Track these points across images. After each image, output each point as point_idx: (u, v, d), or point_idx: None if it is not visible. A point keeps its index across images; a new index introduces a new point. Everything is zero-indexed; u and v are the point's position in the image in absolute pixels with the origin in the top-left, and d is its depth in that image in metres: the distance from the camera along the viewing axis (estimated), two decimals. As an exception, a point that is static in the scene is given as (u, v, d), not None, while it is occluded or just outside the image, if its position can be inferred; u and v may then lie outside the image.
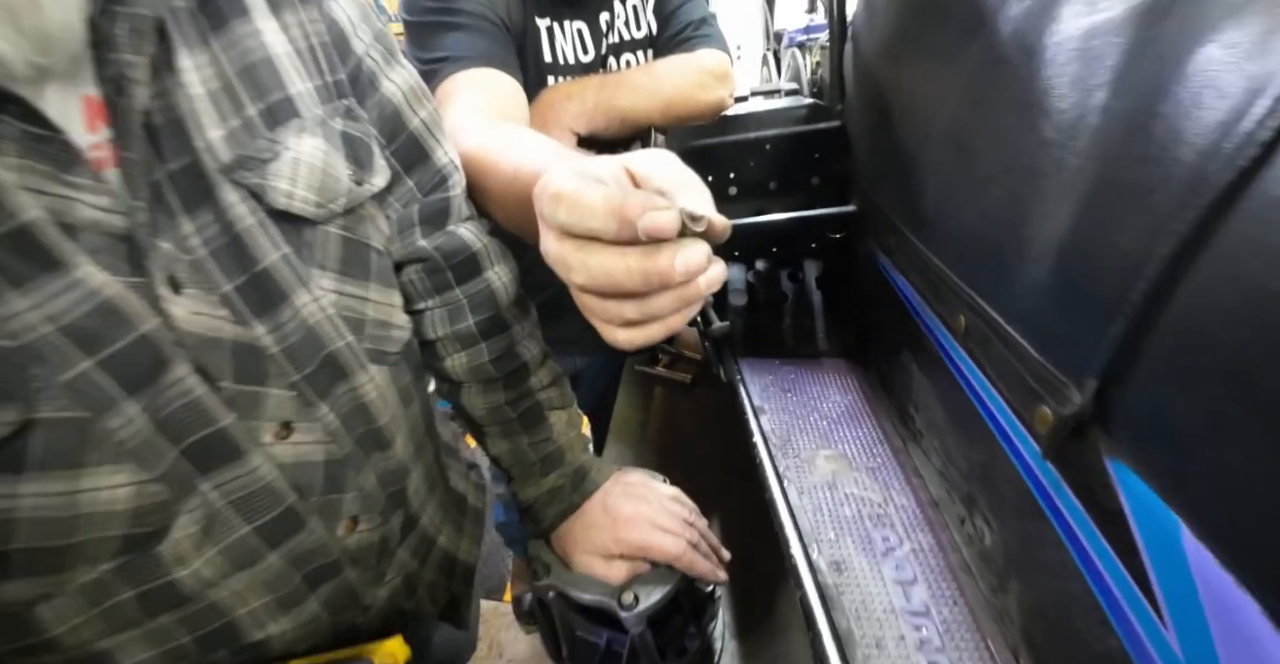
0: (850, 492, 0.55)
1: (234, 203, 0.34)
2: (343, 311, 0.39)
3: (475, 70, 0.65)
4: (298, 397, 0.37)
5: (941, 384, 0.52)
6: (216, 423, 0.33)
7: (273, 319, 0.35)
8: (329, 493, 0.39)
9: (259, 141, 0.35)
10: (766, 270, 0.85)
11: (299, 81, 0.37)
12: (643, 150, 0.29)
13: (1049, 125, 0.37)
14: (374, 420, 0.42)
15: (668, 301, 0.25)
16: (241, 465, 0.35)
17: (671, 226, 0.23)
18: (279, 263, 0.35)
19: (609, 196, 0.23)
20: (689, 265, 0.24)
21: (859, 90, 0.71)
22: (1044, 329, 0.35)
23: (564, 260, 0.25)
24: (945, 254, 0.48)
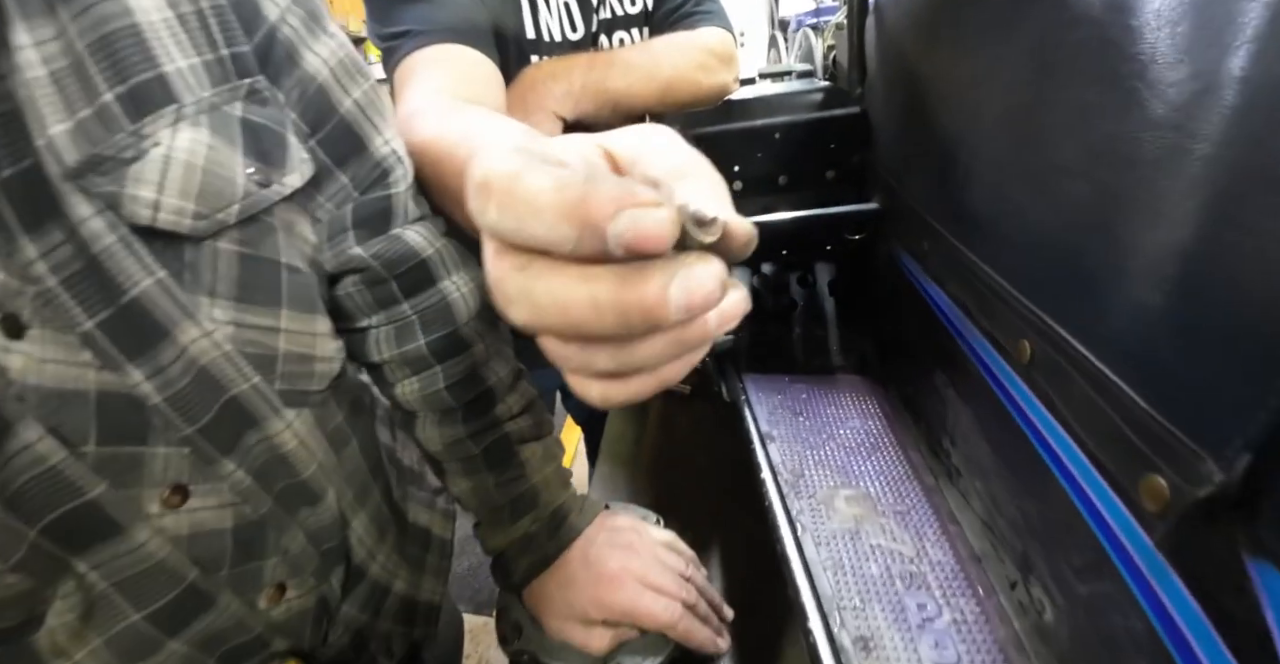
0: (877, 543, 0.46)
1: (87, 217, 0.27)
2: (244, 347, 0.32)
3: (439, 47, 0.57)
4: (192, 454, 0.31)
5: (988, 418, 0.44)
6: (83, 494, 0.27)
7: (151, 361, 0.29)
8: (243, 563, 0.34)
9: (117, 137, 0.27)
10: (774, 274, 0.76)
11: (178, 56, 0.29)
12: (629, 127, 0.20)
13: (1156, 101, 0.29)
14: (297, 473, 0.36)
15: (660, 348, 0.17)
16: (122, 542, 0.29)
17: (662, 235, 0.14)
18: (153, 291, 0.29)
19: (562, 186, 0.14)
20: (692, 296, 0.15)
21: (883, 70, 0.62)
22: (1162, 373, 0.26)
23: (499, 286, 0.16)
24: (1001, 263, 0.39)
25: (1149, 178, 0.28)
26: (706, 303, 0.15)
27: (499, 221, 0.15)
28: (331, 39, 0.37)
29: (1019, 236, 0.37)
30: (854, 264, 0.70)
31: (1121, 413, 0.29)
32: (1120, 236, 0.29)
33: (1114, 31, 0.31)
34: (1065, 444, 0.33)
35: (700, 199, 0.17)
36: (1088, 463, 0.31)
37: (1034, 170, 0.35)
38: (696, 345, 0.17)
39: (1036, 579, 0.40)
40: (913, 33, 0.55)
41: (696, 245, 0.16)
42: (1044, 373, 0.35)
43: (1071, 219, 0.32)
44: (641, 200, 0.14)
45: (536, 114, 0.61)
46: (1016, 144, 0.37)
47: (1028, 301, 0.36)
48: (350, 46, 0.39)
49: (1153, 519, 0.27)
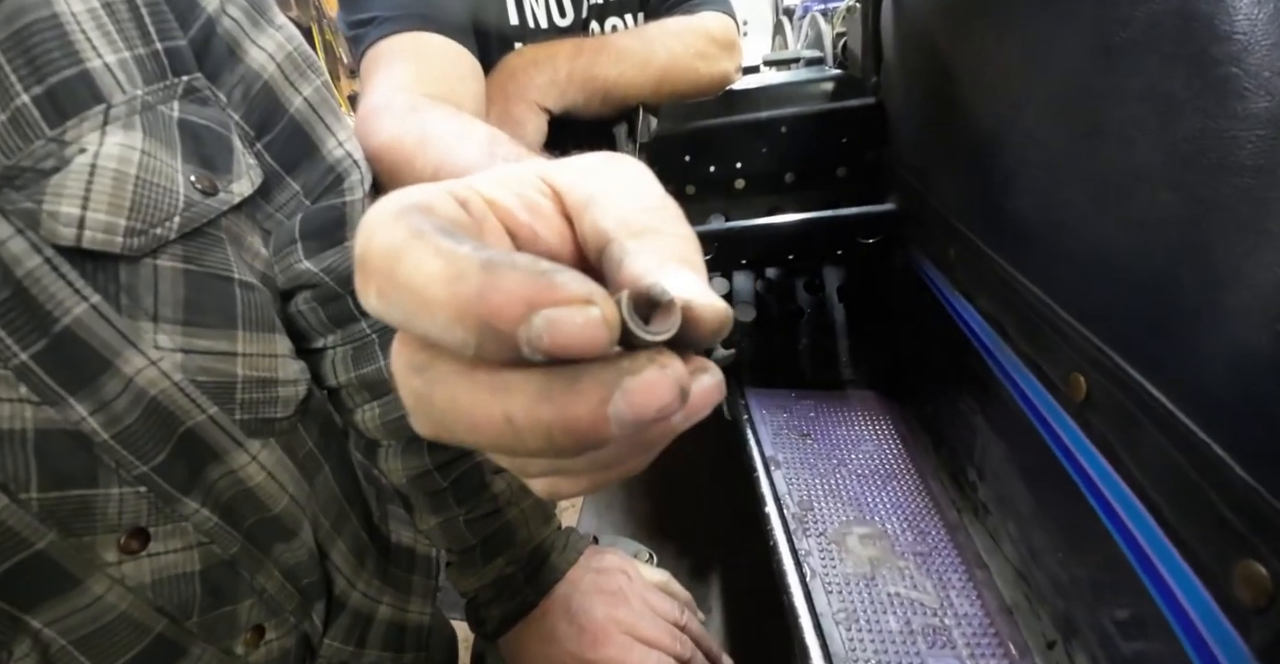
0: (895, 590, 0.41)
1: (6, 237, 0.24)
2: (196, 375, 0.29)
3: (407, 35, 0.51)
4: (149, 493, 0.28)
5: (1026, 456, 0.39)
6: (30, 545, 0.25)
7: (94, 395, 0.26)
8: (214, 608, 0.31)
9: (35, 144, 0.25)
10: (779, 279, 0.71)
11: (106, 50, 0.26)
12: (587, 156, 0.16)
13: (1259, 92, 0.23)
14: (267, 508, 0.33)
15: (609, 453, 0.14)
16: (78, 596, 0.26)
17: (589, 339, 0.11)
18: (87, 318, 0.26)
19: (455, 274, 0.11)
20: (639, 410, 0.11)
21: (903, 55, 0.56)
22: (1267, 433, 0.21)
23: (396, 385, 0.13)
24: (1050, 282, 0.34)
25: (1251, 187, 0.23)
26: (661, 415, 0.12)
27: (382, 310, 0.12)
28: (279, 31, 0.34)
29: (1076, 252, 0.31)
30: (867, 269, 0.65)
31: (1210, 479, 0.23)
32: (1213, 258, 0.24)
33: (1202, 5, 0.26)
34: (1130, 505, 0.28)
35: (659, 266, 0.13)
36: (1160, 533, 0.26)
37: (1098, 174, 0.30)
38: (659, 444, 0.15)
39: (1080, 645, 0.34)
40: (939, 12, 0.49)
41: (644, 343, 0.12)
42: (1103, 416, 0.30)
43: (1148, 234, 0.27)
44: (561, 296, 0.10)
45: (518, 105, 0.55)
46: (1075, 142, 0.31)
47: (1085, 330, 0.30)
48: (300, 39, 0.35)
49: (1249, 614, 0.22)
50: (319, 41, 2.32)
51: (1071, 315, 0.31)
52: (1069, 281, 0.32)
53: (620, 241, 0.14)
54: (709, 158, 0.66)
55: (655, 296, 0.12)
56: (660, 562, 0.50)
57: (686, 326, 0.12)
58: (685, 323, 0.12)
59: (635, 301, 0.12)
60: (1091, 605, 0.33)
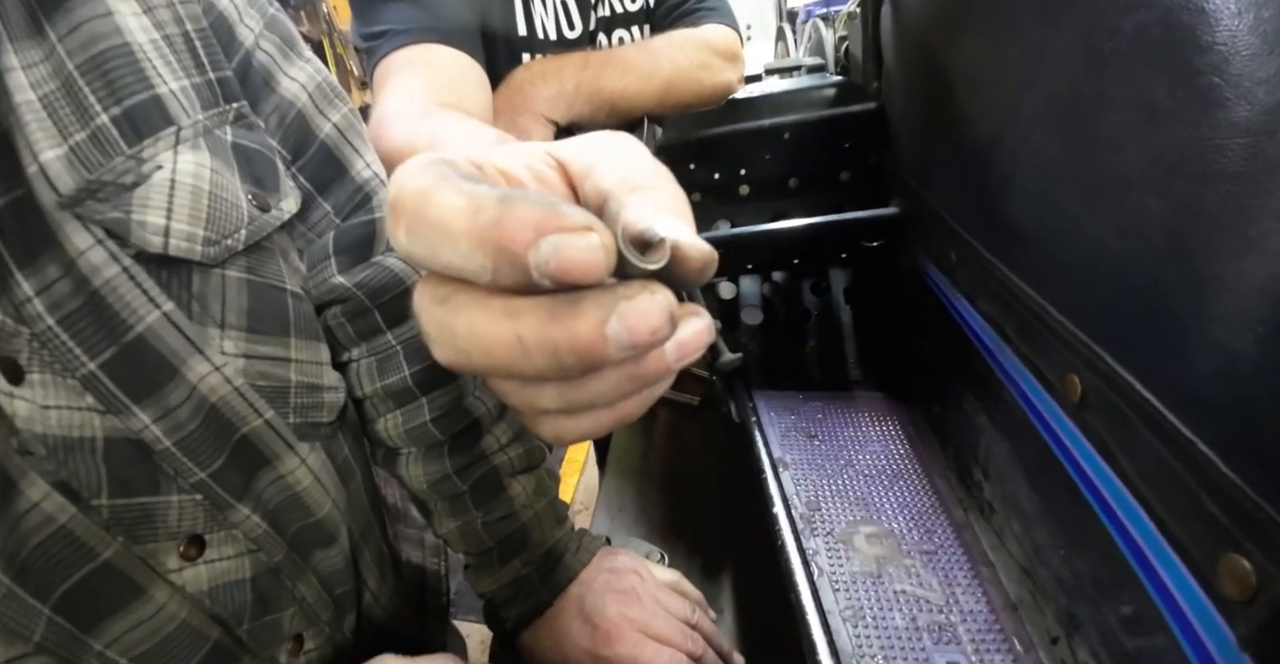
0: (901, 588, 0.42)
1: (86, 248, 0.25)
2: (256, 380, 0.31)
3: (418, 47, 0.53)
4: (205, 501, 0.29)
5: (1028, 455, 0.39)
6: (97, 556, 0.25)
7: (159, 403, 0.27)
8: (262, 615, 0.32)
9: (116, 160, 0.26)
10: (786, 283, 0.72)
11: (170, 78, 0.28)
12: (586, 134, 0.18)
13: (1241, 102, 0.24)
14: (311, 513, 0.34)
15: (608, 385, 0.15)
16: (141, 607, 0.27)
17: (590, 262, 0.12)
18: (159, 325, 0.27)
19: (476, 207, 0.12)
20: (635, 332, 0.13)
21: (902, 61, 0.57)
22: (1250, 432, 0.22)
23: (419, 321, 0.15)
24: (1045, 285, 0.34)
25: (1235, 195, 0.24)
26: (653, 339, 0.13)
27: (410, 247, 0.13)
28: (308, 64, 0.36)
29: (1069, 256, 0.32)
30: (872, 271, 0.66)
31: (1197, 476, 0.24)
32: (1199, 264, 0.24)
33: (1184, 16, 0.27)
34: (1124, 501, 0.29)
35: (652, 214, 0.15)
36: (1153, 527, 0.27)
37: (1089, 180, 0.31)
38: (654, 380, 0.15)
39: (1083, 640, 0.35)
40: (936, 19, 0.50)
41: (640, 272, 0.14)
42: (1098, 415, 0.30)
43: (1137, 239, 0.28)
44: (566, 224, 0.12)
45: (524, 117, 0.57)
46: (1066, 148, 0.32)
47: (1079, 332, 0.31)
48: (326, 71, 0.38)
49: (1235, 607, 0.23)
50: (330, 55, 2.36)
51: (1066, 318, 0.32)
52: (1063, 285, 0.33)
53: (619, 196, 0.15)
54: (714, 165, 0.67)
55: (648, 236, 0.14)
56: (671, 562, 0.51)
57: (675, 263, 0.14)
58: (674, 260, 0.14)
59: (630, 237, 0.13)
60: (1093, 601, 0.34)
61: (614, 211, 0.15)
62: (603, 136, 0.18)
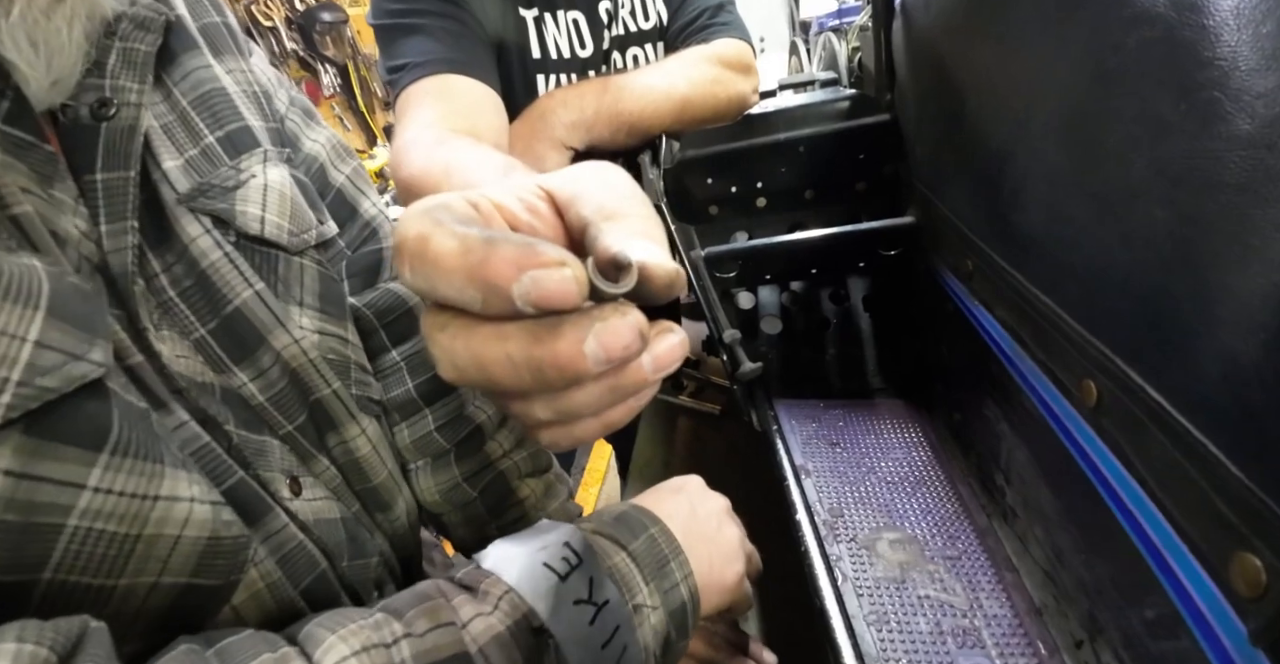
0: (925, 593, 0.43)
1: (197, 235, 0.31)
2: (326, 354, 0.36)
3: (434, 78, 0.56)
4: (293, 451, 0.34)
5: (1049, 460, 0.40)
6: (235, 473, 0.29)
7: (254, 365, 0.32)
8: (356, 557, 0.36)
9: (221, 169, 0.32)
10: (804, 291, 0.73)
11: (253, 117, 0.35)
12: (575, 165, 0.21)
13: (1241, 115, 0.25)
14: (369, 478, 0.38)
15: (593, 396, 0.17)
16: (271, 521, 0.31)
17: (564, 291, 0.15)
18: (252, 301, 0.32)
19: (466, 248, 0.15)
20: (609, 348, 0.15)
21: (914, 75, 0.58)
22: (1258, 435, 0.23)
23: (427, 345, 0.17)
24: (1059, 292, 0.35)
25: (1236, 205, 0.24)
26: (625, 354, 0.16)
27: (413, 282, 0.16)
28: (324, 129, 0.44)
29: (1080, 264, 0.33)
30: (890, 279, 0.66)
31: (1209, 477, 0.25)
32: (1204, 272, 0.25)
33: (1185, 32, 0.28)
34: (1141, 503, 0.29)
35: (625, 239, 0.17)
36: (1169, 529, 0.27)
37: (1097, 191, 0.32)
38: (635, 391, 0.18)
39: (1106, 643, 0.35)
40: (945, 33, 0.51)
41: (611, 296, 0.16)
42: (1114, 420, 0.31)
43: (1144, 248, 0.28)
44: (542, 260, 0.15)
45: (541, 143, 0.60)
46: (1075, 160, 0.33)
47: (1093, 337, 0.32)
48: (336, 134, 0.45)
49: (1247, 604, 0.23)
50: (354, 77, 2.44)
51: (1080, 324, 0.33)
52: (1075, 292, 0.34)
53: (596, 224, 0.18)
54: (731, 178, 0.69)
55: (619, 261, 0.16)
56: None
57: (643, 282, 0.16)
58: (642, 279, 0.16)
59: (601, 264, 0.16)
60: (1115, 604, 0.34)
61: (593, 237, 0.18)
62: (589, 167, 0.20)
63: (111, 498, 0.22)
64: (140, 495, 0.23)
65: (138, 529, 0.23)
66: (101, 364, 0.23)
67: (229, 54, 0.36)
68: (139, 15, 0.30)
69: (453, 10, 0.60)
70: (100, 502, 0.22)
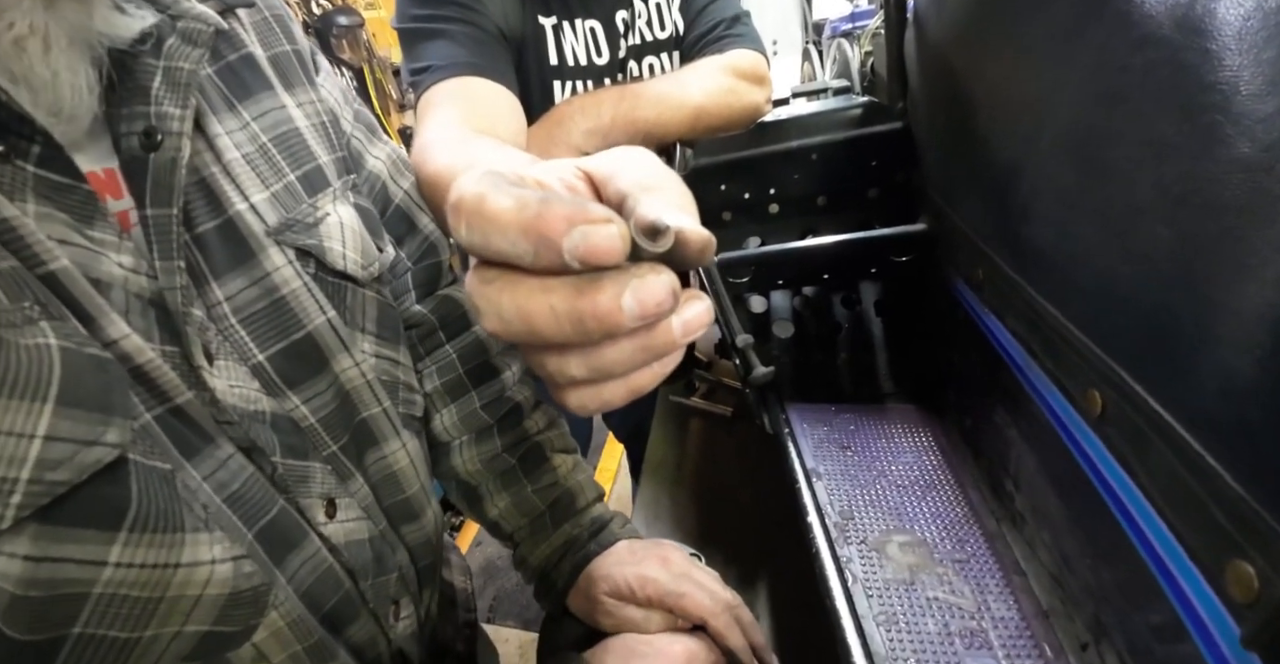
0: (934, 595, 0.44)
1: (280, 266, 0.33)
2: (381, 376, 0.38)
3: (455, 80, 0.58)
4: (334, 471, 0.35)
5: (1056, 466, 0.41)
6: (276, 503, 0.31)
7: (310, 387, 0.34)
8: (379, 574, 0.38)
9: (302, 206, 0.35)
10: (816, 296, 0.74)
11: (323, 153, 0.37)
12: (609, 150, 0.22)
13: (1242, 138, 0.26)
14: (403, 490, 0.40)
15: (625, 354, 0.18)
16: (308, 547, 0.32)
17: (610, 247, 0.16)
18: (323, 327, 0.34)
19: (522, 205, 0.16)
20: (644, 304, 0.17)
21: (926, 83, 0.59)
22: (1252, 447, 0.24)
23: (472, 298, 0.18)
24: (1066, 305, 0.36)
25: (1235, 226, 0.25)
26: (659, 310, 0.17)
27: (468, 238, 0.17)
28: (385, 145, 0.46)
29: (1086, 278, 0.34)
30: (902, 285, 0.67)
31: (1206, 487, 0.26)
32: (1205, 290, 0.26)
33: (1189, 56, 0.28)
34: (1144, 510, 0.30)
35: (661, 209, 0.18)
36: (1170, 536, 0.28)
37: (1102, 208, 0.32)
38: (663, 351, 0.18)
39: (1110, 645, 0.36)
40: (957, 44, 0.52)
41: (649, 257, 0.17)
42: (1118, 429, 0.32)
43: (1147, 265, 0.29)
44: (592, 217, 0.16)
45: (558, 148, 0.61)
46: (1082, 176, 0.34)
47: (1098, 349, 0.33)
48: (399, 149, 0.48)
49: (1241, 609, 0.24)
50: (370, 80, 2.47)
51: (1086, 336, 0.34)
52: (1082, 305, 0.35)
53: (634, 194, 0.19)
54: (744, 185, 0.70)
55: (657, 225, 0.17)
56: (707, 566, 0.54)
57: (679, 246, 0.17)
58: (677, 243, 0.17)
59: (642, 226, 0.17)
60: (1120, 608, 0.35)
61: (630, 207, 0.18)
62: (623, 151, 0.21)
63: (133, 571, 0.23)
64: (161, 565, 0.24)
65: (160, 592, 0.24)
66: (118, 445, 0.23)
67: (299, 85, 0.37)
68: (187, 29, 0.29)
69: (474, 17, 0.62)
70: (123, 575, 0.23)
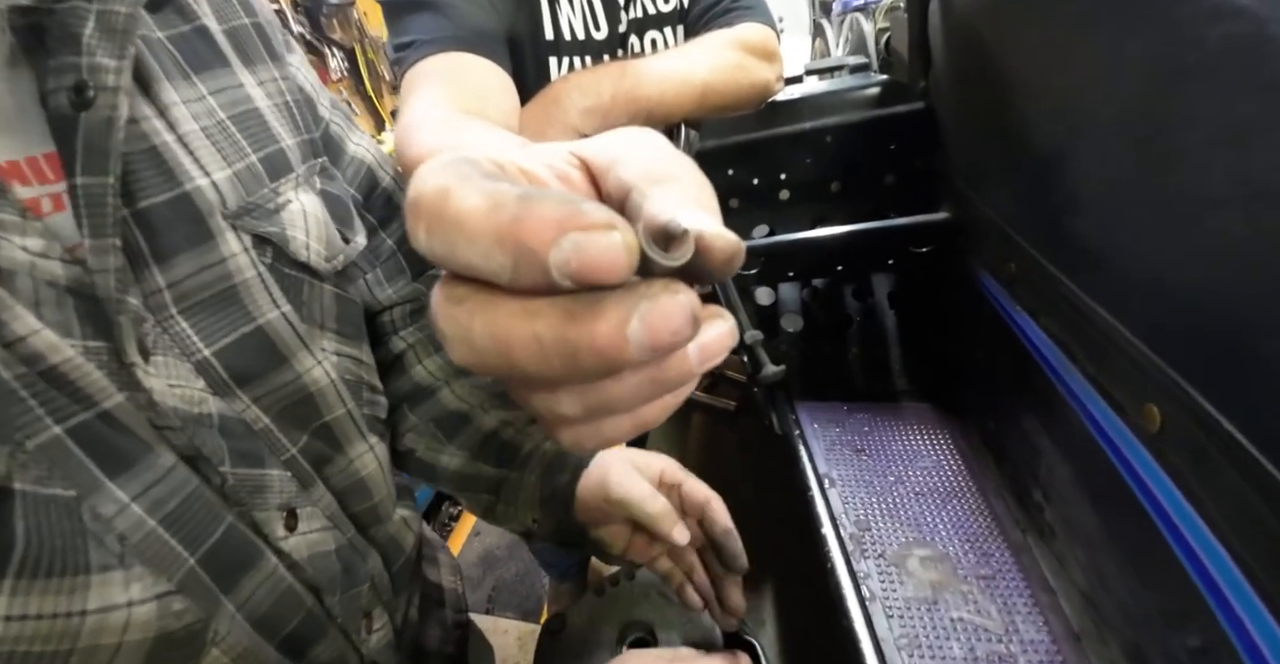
0: (958, 616, 0.41)
1: (236, 252, 0.30)
2: (344, 375, 0.36)
3: (442, 56, 0.54)
4: (295, 477, 0.32)
5: (1096, 481, 0.37)
6: (224, 520, 0.28)
7: (263, 385, 0.31)
8: (349, 587, 0.35)
9: (264, 190, 0.32)
10: (827, 288, 0.70)
11: (288, 135, 0.35)
12: (611, 131, 0.18)
13: (1350, 118, 0.22)
14: (372, 496, 0.38)
15: (630, 389, 0.14)
16: (265, 565, 0.30)
17: (611, 261, 0.12)
18: (277, 322, 0.32)
19: (495, 204, 0.12)
20: (656, 333, 0.12)
21: (953, 60, 0.54)
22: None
23: (435, 321, 0.14)
24: (1118, 306, 0.33)
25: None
26: (675, 340, 0.13)
27: (429, 246, 0.13)
28: (363, 137, 0.44)
29: (1146, 278, 0.30)
30: (919, 277, 0.64)
31: (1295, 521, 0.22)
32: (1298, 297, 0.23)
33: (1276, 29, 0.25)
34: (1207, 543, 0.27)
35: (676, 206, 0.14)
36: (1233, 565, 0.25)
37: (1167, 198, 0.29)
38: (677, 385, 0.15)
39: (1157, 676, 0.34)
40: (990, 15, 0.48)
41: (662, 271, 0.13)
42: (1179, 449, 0.29)
43: (1220, 265, 0.26)
44: (587, 221, 0.12)
45: (553, 130, 0.57)
46: (1143, 162, 0.30)
47: (1158, 359, 0.29)
48: (376, 144, 0.46)
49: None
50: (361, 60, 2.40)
51: (1143, 342, 0.30)
52: (1140, 308, 0.31)
53: (641, 188, 0.15)
54: (752, 170, 0.66)
55: (671, 229, 0.13)
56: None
57: (700, 256, 0.13)
58: (698, 252, 0.13)
59: (652, 231, 0.13)
60: (1162, 635, 0.32)
61: (636, 204, 0.15)
62: (626, 132, 0.17)
63: (29, 624, 0.20)
64: (64, 614, 0.21)
65: (69, 644, 0.21)
66: None
67: (260, 62, 0.34)
68: None
69: None
70: (17, 629, 0.20)
